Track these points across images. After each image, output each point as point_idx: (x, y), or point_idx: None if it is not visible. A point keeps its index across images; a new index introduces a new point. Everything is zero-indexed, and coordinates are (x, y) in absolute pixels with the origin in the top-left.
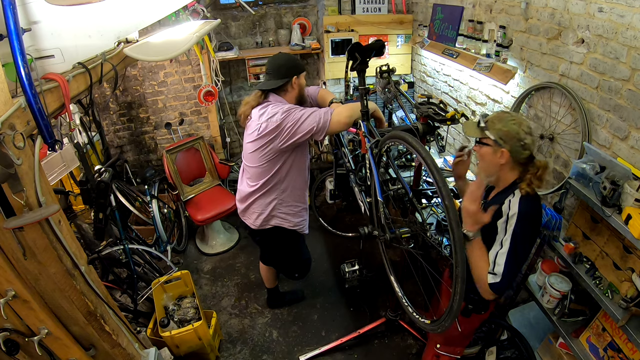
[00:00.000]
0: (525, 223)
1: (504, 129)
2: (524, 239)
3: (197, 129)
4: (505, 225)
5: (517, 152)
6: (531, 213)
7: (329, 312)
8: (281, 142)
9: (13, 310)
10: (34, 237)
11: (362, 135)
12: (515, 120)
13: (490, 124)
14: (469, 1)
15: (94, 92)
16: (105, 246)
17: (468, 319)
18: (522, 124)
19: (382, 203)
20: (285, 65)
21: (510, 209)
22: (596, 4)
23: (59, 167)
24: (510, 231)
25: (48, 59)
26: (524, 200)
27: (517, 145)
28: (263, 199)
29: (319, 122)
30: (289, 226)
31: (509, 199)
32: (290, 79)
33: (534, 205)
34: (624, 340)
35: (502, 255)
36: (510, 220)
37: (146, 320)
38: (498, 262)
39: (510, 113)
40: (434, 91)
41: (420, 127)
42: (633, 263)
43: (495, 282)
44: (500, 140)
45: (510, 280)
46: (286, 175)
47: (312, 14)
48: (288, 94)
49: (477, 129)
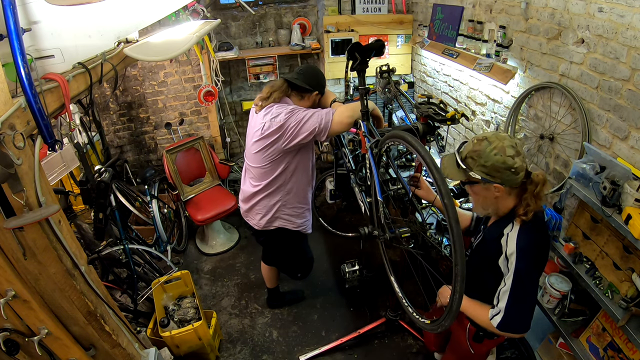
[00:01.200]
0: (526, 258)
1: (488, 163)
2: (527, 273)
3: (197, 129)
4: (506, 263)
5: (511, 180)
6: (531, 245)
7: (329, 312)
8: (285, 143)
9: (13, 310)
10: (34, 237)
11: (362, 135)
12: (496, 147)
13: (471, 162)
14: (469, 1)
15: (94, 92)
16: (105, 246)
17: (480, 344)
18: (505, 149)
19: (382, 203)
20: (317, 78)
21: (508, 246)
22: (596, 4)
23: (59, 167)
24: (512, 269)
25: (48, 59)
26: (522, 234)
27: (507, 175)
28: (267, 200)
29: (320, 123)
30: (292, 227)
31: (506, 233)
32: (312, 91)
33: (533, 235)
34: (624, 340)
35: (505, 293)
36: (510, 258)
37: (146, 320)
38: (500, 299)
39: (487, 139)
40: (434, 91)
41: (420, 127)
42: (633, 263)
43: (500, 320)
44: (488, 176)
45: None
46: (291, 176)
47: (312, 14)
48: (300, 102)
49: (459, 172)
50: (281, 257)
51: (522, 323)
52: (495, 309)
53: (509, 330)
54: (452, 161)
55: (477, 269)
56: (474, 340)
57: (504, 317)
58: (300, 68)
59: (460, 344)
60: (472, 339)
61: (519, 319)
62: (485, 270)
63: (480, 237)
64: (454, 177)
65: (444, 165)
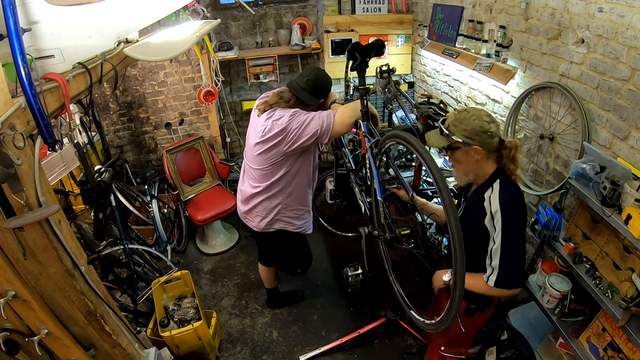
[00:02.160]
0: (511, 212)
1: (468, 128)
2: (514, 228)
3: (197, 129)
4: (492, 222)
5: (487, 143)
6: (513, 200)
7: (329, 312)
8: (287, 146)
9: (13, 310)
10: (34, 237)
11: (362, 135)
12: (474, 114)
13: (453, 128)
14: (469, 1)
15: (94, 92)
16: (105, 246)
17: (472, 318)
18: (481, 116)
19: (382, 203)
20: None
21: (492, 205)
22: (596, 4)
23: (59, 167)
24: (499, 227)
25: (48, 59)
26: (502, 192)
27: (485, 138)
28: (267, 203)
29: (322, 125)
30: (293, 229)
31: (488, 195)
32: (317, 101)
33: (512, 191)
34: (624, 340)
35: (496, 250)
36: (495, 216)
37: (146, 320)
38: (493, 257)
39: (466, 110)
40: (434, 91)
41: (420, 127)
42: (633, 263)
43: (496, 278)
44: (468, 139)
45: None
46: (292, 179)
47: (312, 14)
48: (306, 107)
49: (442, 138)
50: (281, 258)
51: (516, 277)
52: (488, 270)
53: (505, 286)
54: (436, 132)
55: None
56: (465, 315)
57: (498, 273)
58: (309, 76)
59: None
60: (464, 314)
61: (512, 273)
62: (472, 237)
63: (462, 208)
64: (438, 143)
65: (429, 137)
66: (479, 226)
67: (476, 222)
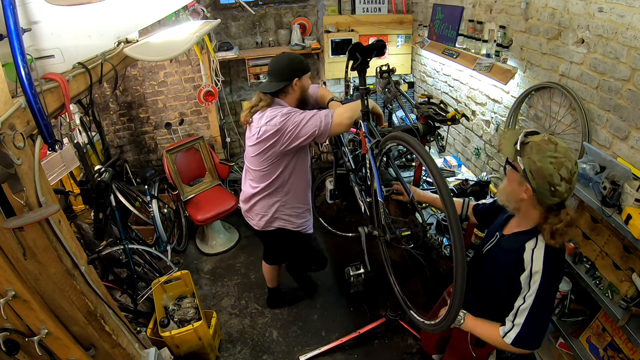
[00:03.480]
0: (551, 278)
1: (538, 164)
2: (549, 292)
3: (197, 129)
4: (528, 281)
5: (544, 195)
6: (557, 266)
7: (329, 312)
8: (283, 146)
9: (13, 310)
10: (34, 237)
11: (362, 135)
12: (557, 158)
13: (528, 150)
14: (469, 1)
15: (94, 92)
16: (105, 246)
17: (482, 349)
18: (563, 166)
19: (382, 204)
20: (288, 67)
21: (534, 264)
22: (596, 4)
23: (59, 167)
24: (535, 288)
25: (48, 59)
26: (549, 254)
27: (545, 188)
28: (266, 201)
29: (320, 125)
30: (292, 228)
31: (531, 248)
32: (291, 81)
33: (558, 258)
34: (624, 340)
35: (524, 310)
36: (534, 276)
37: (146, 320)
38: (518, 315)
39: (556, 145)
40: (434, 91)
41: (421, 127)
42: (633, 263)
43: (516, 337)
44: (530, 174)
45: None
46: (289, 177)
47: (312, 14)
48: (289, 96)
49: (511, 149)
50: (286, 255)
51: (536, 339)
52: (508, 325)
53: (523, 347)
54: (513, 137)
55: (489, 277)
56: (475, 346)
57: (520, 333)
58: (269, 69)
59: (461, 347)
60: (473, 344)
61: (534, 336)
62: (500, 281)
63: (495, 242)
64: (505, 151)
65: (505, 136)
66: (511, 277)
67: (509, 272)
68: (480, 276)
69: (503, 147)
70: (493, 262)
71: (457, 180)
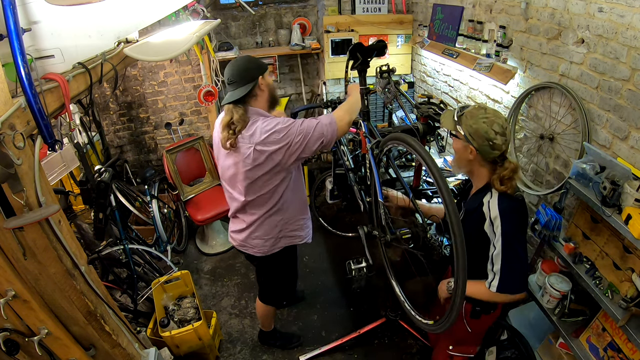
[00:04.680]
0: (511, 218)
1: (474, 126)
2: (515, 233)
3: (197, 129)
4: (492, 228)
5: (485, 151)
6: (511, 207)
7: (329, 312)
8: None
9: (13, 310)
10: (34, 237)
11: (362, 135)
12: (488, 118)
13: (464, 118)
14: (469, 1)
15: (94, 92)
16: (105, 246)
17: (478, 320)
18: (495, 122)
19: (382, 204)
20: (247, 67)
21: (491, 211)
22: (596, 4)
23: (59, 167)
24: (499, 232)
25: (48, 59)
26: (502, 199)
27: (485, 144)
28: (267, 224)
29: (326, 133)
30: (299, 242)
31: (487, 200)
32: (257, 81)
33: (511, 200)
34: (624, 340)
35: (497, 255)
36: (495, 222)
37: (146, 320)
38: (494, 262)
39: (485, 109)
40: (434, 91)
41: (421, 127)
42: (633, 263)
43: (498, 283)
44: (470, 137)
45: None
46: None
47: (312, 14)
48: (259, 99)
49: (451, 122)
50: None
51: (518, 282)
52: (490, 275)
53: (507, 291)
54: (451, 113)
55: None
56: (471, 317)
57: (500, 278)
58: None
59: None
60: (469, 316)
61: (514, 278)
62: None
63: (463, 212)
64: (446, 125)
65: (444, 115)
66: (478, 231)
67: (476, 227)
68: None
69: (444, 122)
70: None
71: (457, 180)
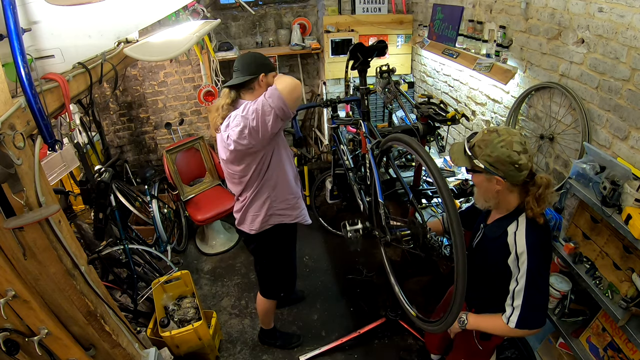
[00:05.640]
0: (537, 255)
1: (493, 154)
2: (539, 270)
3: (197, 129)
4: (516, 263)
5: (512, 176)
6: (540, 242)
7: (329, 312)
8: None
9: (13, 310)
10: (34, 237)
11: (362, 135)
12: (504, 140)
13: (478, 150)
14: (469, 1)
15: (94, 92)
16: (105, 246)
17: (488, 341)
18: (512, 144)
19: (382, 204)
20: (254, 62)
21: (517, 245)
22: (596, 4)
23: (59, 167)
24: (524, 269)
25: (48, 59)
26: (530, 232)
27: (510, 170)
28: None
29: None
30: (290, 221)
31: (513, 231)
32: (258, 75)
33: (540, 232)
34: (624, 340)
35: (519, 291)
36: (521, 257)
37: (146, 320)
38: (515, 298)
39: (497, 132)
40: (434, 91)
41: (421, 127)
42: (633, 263)
43: (517, 319)
44: (491, 167)
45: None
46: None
47: (312, 14)
48: (255, 93)
49: (465, 159)
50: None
51: (538, 318)
52: (508, 310)
53: (527, 327)
54: (460, 147)
55: (481, 268)
56: (481, 339)
57: (520, 314)
58: (235, 66)
59: (467, 343)
60: (479, 338)
61: (535, 315)
62: (491, 270)
63: (481, 235)
64: (460, 163)
65: (453, 151)
66: (499, 263)
67: (497, 259)
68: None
69: (456, 160)
70: (482, 254)
71: (457, 180)
